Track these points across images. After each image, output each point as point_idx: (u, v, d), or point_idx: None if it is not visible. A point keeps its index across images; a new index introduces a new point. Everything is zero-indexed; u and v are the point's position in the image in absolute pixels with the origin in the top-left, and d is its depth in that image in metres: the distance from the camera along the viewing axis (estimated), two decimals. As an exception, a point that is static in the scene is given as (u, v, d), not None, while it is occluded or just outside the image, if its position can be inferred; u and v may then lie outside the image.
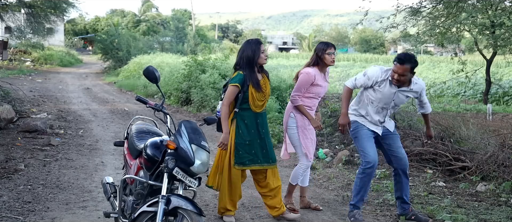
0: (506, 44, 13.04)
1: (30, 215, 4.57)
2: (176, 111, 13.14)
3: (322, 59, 4.74)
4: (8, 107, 9.17)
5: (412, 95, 4.61)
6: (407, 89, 4.50)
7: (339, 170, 6.81)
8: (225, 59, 14.26)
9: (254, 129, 4.47)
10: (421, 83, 4.60)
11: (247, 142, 4.45)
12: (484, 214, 4.94)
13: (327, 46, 4.77)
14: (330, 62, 4.75)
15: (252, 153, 4.47)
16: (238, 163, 4.46)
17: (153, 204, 3.24)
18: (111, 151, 7.68)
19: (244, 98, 4.40)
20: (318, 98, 4.85)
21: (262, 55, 4.46)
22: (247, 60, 4.42)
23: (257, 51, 4.42)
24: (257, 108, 4.46)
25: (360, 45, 68.02)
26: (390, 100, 4.54)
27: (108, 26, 38.64)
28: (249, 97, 4.40)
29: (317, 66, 4.77)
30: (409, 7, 12.37)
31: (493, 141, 6.70)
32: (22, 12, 23.04)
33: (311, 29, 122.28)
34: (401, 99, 4.59)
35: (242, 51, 4.49)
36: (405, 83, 4.46)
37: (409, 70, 4.33)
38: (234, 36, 72.51)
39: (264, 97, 4.50)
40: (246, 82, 4.38)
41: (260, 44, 4.53)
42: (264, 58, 4.48)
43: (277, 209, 4.62)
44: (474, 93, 19.90)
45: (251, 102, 4.42)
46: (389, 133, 4.67)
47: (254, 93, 4.41)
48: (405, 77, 4.35)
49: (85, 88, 19.75)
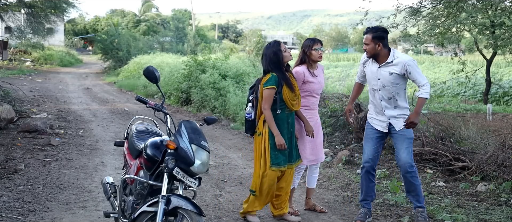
0: (506, 44, 13.04)
1: (30, 215, 4.57)
2: (176, 111, 13.14)
3: (308, 55, 4.72)
4: (8, 107, 9.17)
5: (396, 71, 4.47)
6: (387, 64, 4.51)
7: (339, 170, 6.81)
8: (225, 59, 14.27)
9: (286, 129, 4.48)
10: (404, 58, 4.52)
11: None
12: (484, 214, 4.94)
13: (313, 42, 4.75)
14: (317, 58, 4.72)
15: (284, 153, 4.47)
16: (275, 164, 4.45)
17: (153, 204, 3.25)
18: (111, 151, 7.68)
19: (280, 99, 4.42)
20: (315, 95, 4.78)
21: (284, 53, 4.48)
22: (274, 62, 4.44)
23: (278, 51, 4.45)
24: (293, 106, 4.48)
25: (360, 45, 67.99)
26: (376, 79, 4.58)
27: (108, 26, 38.62)
28: (285, 97, 4.41)
29: (304, 63, 4.75)
30: (409, 7, 12.36)
31: (493, 141, 6.70)
32: (22, 12, 23.04)
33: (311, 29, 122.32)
34: (385, 77, 4.51)
35: (265, 56, 4.51)
36: (379, 56, 4.53)
37: (371, 39, 4.49)
38: (234, 36, 72.53)
39: (296, 96, 4.50)
40: (280, 83, 4.40)
41: (279, 43, 4.56)
42: (288, 55, 4.50)
43: (280, 209, 4.62)
44: (474, 93, 19.90)
45: (287, 103, 4.44)
46: (395, 132, 4.63)
47: (288, 93, 4.42)
48: (369, 46, 4.50)
49: (85, 88, 19.76)
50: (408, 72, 4.45)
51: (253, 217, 4.58)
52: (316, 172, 5.01)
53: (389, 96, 4.55)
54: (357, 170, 6.71)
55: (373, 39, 4.49)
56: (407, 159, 4.55)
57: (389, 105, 4.59)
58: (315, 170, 5.00)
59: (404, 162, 4.56)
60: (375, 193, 4.89)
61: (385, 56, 4.52)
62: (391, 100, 4.57)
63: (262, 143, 4.48)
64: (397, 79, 4.50)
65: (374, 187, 4.84)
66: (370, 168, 4.73)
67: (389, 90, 4.53)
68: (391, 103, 4.58)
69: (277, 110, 4.42)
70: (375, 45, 4.49)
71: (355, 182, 6.21)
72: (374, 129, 4.72)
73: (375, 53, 4.53)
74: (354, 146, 8.13)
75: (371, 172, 4.75)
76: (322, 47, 4.78)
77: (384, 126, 4.65)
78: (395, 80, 4.50)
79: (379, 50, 4.51)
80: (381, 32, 4.53)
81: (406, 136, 4.57)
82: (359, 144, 8.24)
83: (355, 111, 8.40)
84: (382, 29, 4.59)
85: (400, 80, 4.51)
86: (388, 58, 4.51)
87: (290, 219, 4.66)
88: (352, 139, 8.37)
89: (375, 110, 4.71)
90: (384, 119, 4.64)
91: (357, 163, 7.14)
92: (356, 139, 8.35)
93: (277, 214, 4.65)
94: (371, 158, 4.72)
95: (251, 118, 4.58)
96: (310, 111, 4.76)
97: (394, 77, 4.50)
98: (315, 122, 4.80)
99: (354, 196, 5.60)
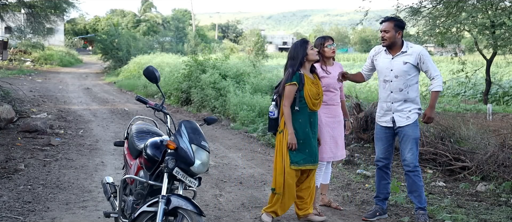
0: (506, 44, 13.02)
1: (30, 215, 4.57)
2: (176, 111, 13.14)
3: (322, 53, 4.78)
4: (8, 107, 9.17)
5: (410, 61, 4.51)
6: (401, 53, 4.56)
7: (339, 170, 6.81)
8: (225, 59, 14.27)
9: (308, 128, 4.46)
10: (418, 47, 4.60)
11: (301, 141, 4.44)
12: (484, 214, 4.93)
13: (325, 40, 4.84)
14: (330, 54, 4.83)
15: (305, 152, 4.45)
16: (293, 162, 4.44)
17: (153, 204, 3.24)
18: (111, 151, 7.68)
19: (301, 96, 4.42)
20: (332, 90, 4.79)
21: (311, 51, 4.48)
22: (295, 59, 4.47)
23: (304, 50, 4.46)
24: (314, 106, 4.48)
25: (360, 45, 68.03)
26: (388, 70, 4.60)
27: (108, 26, 38.62)
28: (305, 95, 4.41)
29: (318, 61, 4.79)
30: (409, 7, 12.36)
31: (493, 141, 6.70)
32: (22, 12, 23.02)
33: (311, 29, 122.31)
34: (399, 67, 4.54)
35: (290, 52, 4.54)
36: (395, 45, 4.57)
37: (393, 27, 4.53)
38: (234, 36, 72.49)
39: (318, 95, 4.50)
40: (302, 80, 4.41)
41: (307, 42, 4.56)
42: (315, 54, 4.50)
43: (305, 209, 4.61)
44: (474, 93, 19.88)
45: (308, 101, 4.43)
46: (401, 131, 4.62)
47: (309, 91, 4.42)
48: (389, 34, 4.53)
49: (85, 88, 19.76)
50: (421, 61, 4.50)
51: (267, 217, 4.58)
52: (329, 168, 5.05)
53: (401, 88, 4.55)
54: (357, 170, 6.71)
55: (395, 27, 4.55)
56: (411, 159, 4.58)
57: (399, 97, 4.58)
58: (328, 166, 5.02)
59: (409, 162, 4.59)
60: (389, 191, 4.89)
61: (400, 47, 4.59)
62: (402, 91, 4.56)
63: (283, 141, 4.48)
64: (411, 69, 4.53)
65: (387, 185, 4.85)
66: (382, 166, 4.80)
67: (402, 81, 4.55)
68: (402, 95, 4.57)
69: (295, 107, 4.42)
70: (396, 33, 4.55)
71: (355, 182, 6.22)
72: (382, 128, 4.76)
73: (393, 41, 4.57)
74: (354, 146, 8.13)
75: (383, 169, 4.80)
76: (334, 43, 4.86)
77: (388, 120, 4.67)
78: (408, 70, 4.53)
79: (398, 38, 4.57)
80: (402, 22, 4.64)
81: (411, 136, 4.57)
82: (359, 144, 8.24)
83: (355, 110, 8.41)
84: (402, 19, 4.72)
85: (413, 71, 4.54)
86: (402, 48, 4.58)
87: (315, 219, 4.65)
88: (352, 139, 8.37)
89: (382, 107, 4.72)
90: (388, 113, 4.66)
91: (357, 163, 7.15)
92: (356, 139, 8.35)
93: (302, 215, 4.64)
94: (382, 157, 4.77)
95: (274, 116, 4.58)
96: (330, 107, 4.79)
97: (408, 66, 4.53)
98: (336, 118, 4.83)
99: (354, 196, 5.60)
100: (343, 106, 5.09)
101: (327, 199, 5.14)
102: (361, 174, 6.52)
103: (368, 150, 7.90)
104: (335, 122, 4.83)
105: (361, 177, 6.42)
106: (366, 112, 8.18)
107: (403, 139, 4.61)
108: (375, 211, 4.80)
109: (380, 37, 4.63)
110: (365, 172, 6.58)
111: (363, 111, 8.31)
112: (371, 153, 7.67)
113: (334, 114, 4.83)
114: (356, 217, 4.88)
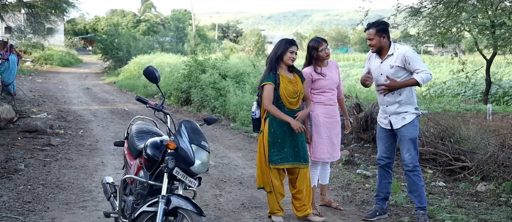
0: (506, 44, 13.03)
1: (30, 215, 4.57)
2: (176, 111, 13.14)
3: (316, 57, 4.78)
4: (8, 107, 9.18)
5: (396, 63, 4.49)
6: (388, 57, 4.56)
7: (339, 170, 6.81)
8: (225, 59, 14.26)
9: (286, 127, 4.47)
10: (403, 49, 4.55)
11: (279, 140, 4.47)
12: (484, 214, 4.93)
13: (319, 44, 4.79)
14: (326, 57, 4.82)
15: (284, 151, 4.47)
16: (271, 161, 4.49)
17: (153, 204, 3.24)
18: (111, 151, 7.68)
19: (277, 96, 4.45)
20: (330, 90, 4.80)
21: (289, 54, 4.50)
22: (275, 58, 4.51)
23: (284, 50, 4.48)
24: (291, 105, 4.49)
25: (360, 45, 67.94)
26: (379, 74, 4.62)
27: (108, 26, 38.63)
28: (281, 94, 4.44)
29: (311, 64, 4.82)
30: (409, 7, 12.37)
31: (493, 141, 6.69)
32: (22, 12, 23.04)
33: (311, 29, 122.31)
34: (387, 71, 4.54)
35: (273, 49, 4.58)
36: (383, 50, 4.58)
37: (375, 33, 4.53)
38: (234, 36, 72.46)
39: (296, 94, 4.51)
40: (277, 80, 4.43)
41: (291, 44, 4.56)
42: (290, 58, 4.51)
43: (303, 210, 4.61)
44: (474, 93, 19.90)
45: (284, 100, 4.46)
46: (399, 132, 4.63)
47: (285, 91, 4.44)
48: (373, 41, 4.55)
49: (85, 88, 19.76)
50: (407, 62, 4.46)
51: (277, 217, 4.59)
52: (328, 168, 5.05)
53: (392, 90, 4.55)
54: (357, 170, 6.71)
55: (377, 33, 4.54)
56: (410, 160, 4.58)
57: (392, 100, 4.58)
58: (326, 166, 5.02)
59: (408, 162, 4.60)
60: (389, 191, 4.88)
61: (387, 49, 4.59)
62: (394, 94, 4.55)
63: (262, 140, 4.53)
64: (398, 71, 4.51)
65: (388, 184, 4.84)
66: (384, 164, 4.81)
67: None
68: (394, 98, 4.57)
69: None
70: (380, 38, 4.55)
71: (355, 182, 6.22)
72: (382, 128, 4.78)
73: (380, 47, 4.58)
74: (354, 146, 8.13)
75: (385, 168, 4.81)
76: (328, 46, 4.85)
77: (386, 123, 4.69)
78: (396, 73, 4.51)
79: (384, 42, 4.56)
80: (383, 25, 4.62)
81: (408, 137, 4.56)
82: (359, 144, 8.24)
83: (355, 110, 8.41)
84: (383, 22, 4.68)
85: (401, 72, 4.51)
86: (389, 51, 4.57)
87: (315, 219, 4.65)
88: (352, 139, 8.37)
89: (381, 108, 4.77)
90: (386, 116, 4.68)
91: (357, 163, 7.15)
92: (356, 139, 8.35)
93: (302, 216, 4.64)
94: (384, 156, 4.78)
95: (256, 117, 4.63)
96: (328, 107, 4.80)
97: (395, 69, 4.52)
98: (334, 118, 4.84)
99: (354, 196, 5.60)
100: (342, 104, 5.10)
101: (327, 199, 5.14)
102: (361, 174, 6.52)
103: (368, 150, 7.90)
104: (333, 122, 4.83)
105: (361, 177, 6.42)
106: (366, 112, 8.18)
107: (401, 139, 4.63)
108: (375, 211, 4.80)
109: (369, 45, 4.66)
110: (365, 172, 6.58)
111: (363, 111, 8.30)
112: (371, 153, 7.67)
113: (332, 114, 4.84)
114: (356, 217, 4.88)
